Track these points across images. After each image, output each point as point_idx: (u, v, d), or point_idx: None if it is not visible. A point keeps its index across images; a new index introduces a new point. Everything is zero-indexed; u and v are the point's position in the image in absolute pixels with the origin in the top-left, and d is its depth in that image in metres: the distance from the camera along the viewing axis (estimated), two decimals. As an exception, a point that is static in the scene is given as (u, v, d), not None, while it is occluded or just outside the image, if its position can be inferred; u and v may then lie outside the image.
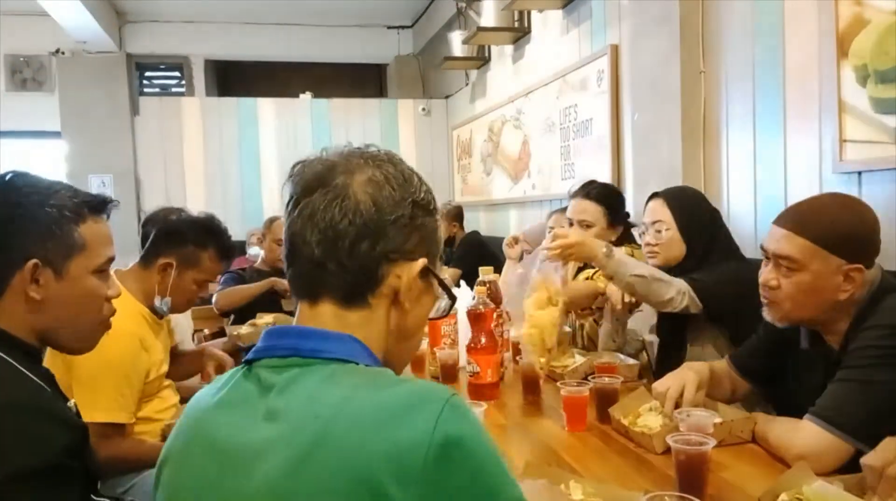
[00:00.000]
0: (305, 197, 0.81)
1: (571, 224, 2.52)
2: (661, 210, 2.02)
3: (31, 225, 1.13)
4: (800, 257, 1.39)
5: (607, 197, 2.50)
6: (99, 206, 1.22)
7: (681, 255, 2.00)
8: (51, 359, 1.58)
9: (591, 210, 2.46)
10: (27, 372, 1.10)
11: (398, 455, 0.67)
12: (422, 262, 0.84)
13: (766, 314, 1.50)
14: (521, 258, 3.26)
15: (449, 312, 0.94)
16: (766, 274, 1.47)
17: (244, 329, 3.10)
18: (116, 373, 1.74)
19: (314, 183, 0.81)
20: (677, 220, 1.99)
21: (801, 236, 1.39)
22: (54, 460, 0.99)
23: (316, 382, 0.76)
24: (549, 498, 1.10)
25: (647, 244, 2.07)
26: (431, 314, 0.93)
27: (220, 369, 2.24)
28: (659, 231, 2.01)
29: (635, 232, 2.40)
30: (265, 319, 3.21)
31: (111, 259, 1.24)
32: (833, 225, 1.38)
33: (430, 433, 0.67)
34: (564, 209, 3.02)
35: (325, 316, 0.82)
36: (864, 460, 1.13)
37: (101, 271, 1.22)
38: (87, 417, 1.61)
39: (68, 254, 1.16)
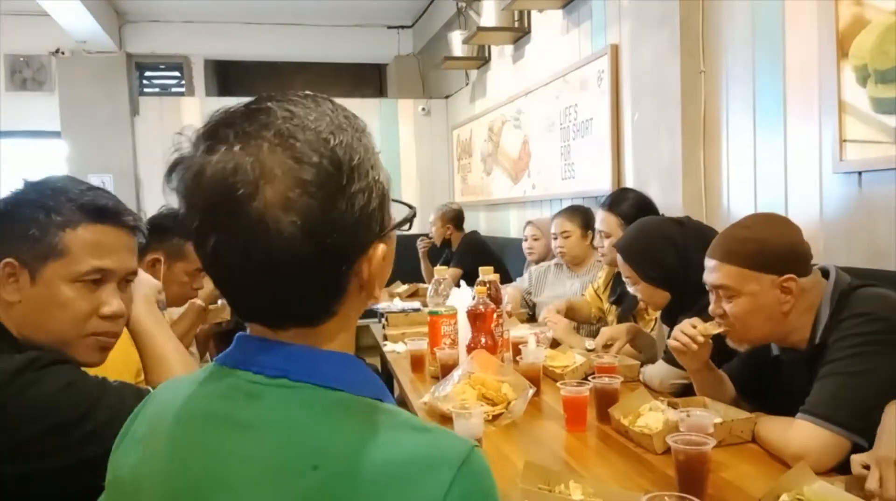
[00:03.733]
0: (214, 232, 0.64)
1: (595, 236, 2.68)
2: (624, 267, 2.01)
3: (15, 225, 1.11)
4: (733, 284, 1.45)
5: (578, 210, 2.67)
6: (96, 213, 1.14)
7: (666, 299, 1.96)
8: None
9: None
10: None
11: None
12: (381, 250, 0.70)
13: (730, 343, 1.55)
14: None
15: (412, 221, 0.77)
16: (712, 307, 1.54)
17: (210, 308, 2.59)
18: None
19: (220, 209, 0.63)
20: (640, 274, 1.96)
21: (727, 263, 1.46)
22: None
23: (313, 419, 0.65)
24: None
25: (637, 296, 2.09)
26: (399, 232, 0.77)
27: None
28: (633, 285, 2.00)
29: None
30: None
31: (100, 270, 1.15)
32: (754, 245, 1.44)
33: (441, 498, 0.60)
34: (569, 210, 3.04)
35: (293, 339, 0.70)
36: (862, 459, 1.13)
37: (84, 282, 1.14)
38: None
39: (44, 258, 1.11)
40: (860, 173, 1.96)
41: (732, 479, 1.28)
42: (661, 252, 1.93)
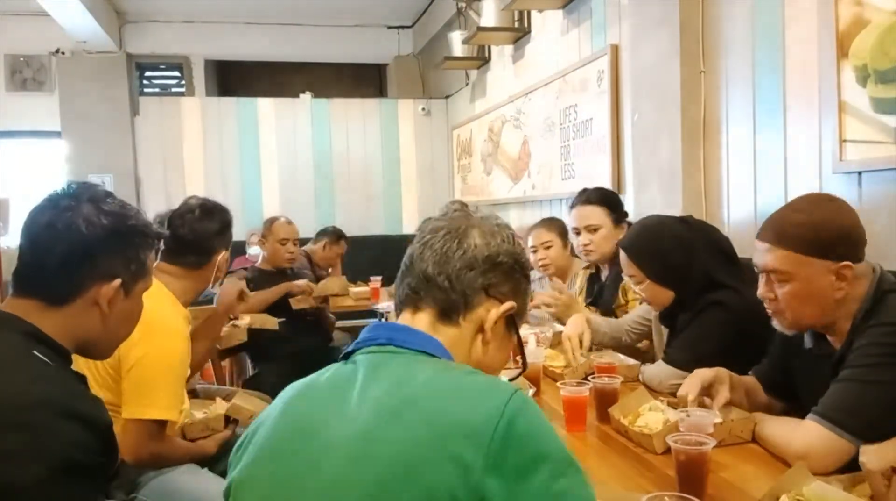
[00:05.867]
0: (431, 236, 0.99)
1: (578, 233, 2.61)
2: (628, 265, 1.97)
3: (126, 246, 1.21)
4: (787, 268, 1.39)
5: (605, 198, 2.61)
6: (159, 238, 1.36)
7: (670, 298, 1.93)
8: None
9: (595, 213, 2.55)
10: (63, 369, 1.14)
11: (473, 423, 0.79)
12: (509, 304, 0.98)
13: (776, 325, 1.49)
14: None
15: (515, 379, 1.12)
16: (761, 290, 1.47)
17: (224, 330, 2.86)
18: (175, 373, 1.80)
19: (441, 228, 1.00)
20: (646, 272, 1.93)
21: (781, 247, 1.39)
22: (67, 456, 1.00)
23: (407, 363, 0.90)
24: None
25: (638, 295, 2.06)
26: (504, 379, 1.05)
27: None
28: (638, 284, 1.96)
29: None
30: (245, 320, 3.12)
31: None
32: (811, 230, 1.37)
33: (500, 411, 0.80)
34: (546, 221, 3.03)
35: (422, 325, 0.96)
36: (865, 465, 1.12)
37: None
38: (139, 414, 1.72)
39: (140, 277, 1.25)
40: (860, 173, 1.96)
41: (732, 479, 1.28)
42: (668, 251, 1.91)
